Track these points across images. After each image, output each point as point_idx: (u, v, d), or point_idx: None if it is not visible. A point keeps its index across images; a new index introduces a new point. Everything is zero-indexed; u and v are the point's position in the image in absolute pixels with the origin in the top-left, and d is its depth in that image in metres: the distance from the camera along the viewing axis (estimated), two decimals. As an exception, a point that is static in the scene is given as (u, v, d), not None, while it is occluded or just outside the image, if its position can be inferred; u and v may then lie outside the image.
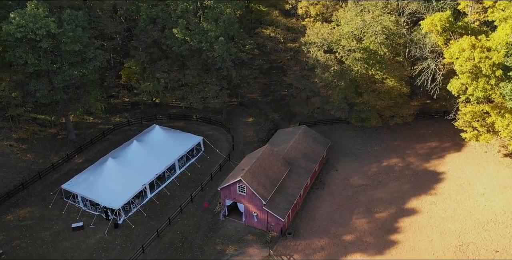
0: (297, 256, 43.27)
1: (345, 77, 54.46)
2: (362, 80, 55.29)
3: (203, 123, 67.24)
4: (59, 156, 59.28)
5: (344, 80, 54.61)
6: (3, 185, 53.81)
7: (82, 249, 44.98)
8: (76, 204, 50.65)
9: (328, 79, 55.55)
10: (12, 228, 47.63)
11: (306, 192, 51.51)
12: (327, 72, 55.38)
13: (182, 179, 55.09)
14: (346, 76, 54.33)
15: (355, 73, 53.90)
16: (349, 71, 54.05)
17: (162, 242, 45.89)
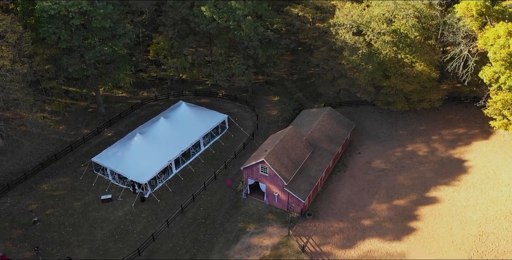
0: (315, 238, 43.92)
1: (373, 60, 53.05)
2: (390, 63, 53.76)
3: (228, 100, 67.36)
4: (89, 129, 60.88)
5: (372, 63, 53.24)
6: (37, 155, 55.92)
7: (110, 220, 46.85)
8: (105, 176, 52.35)
9: (355, 61, 54.27)
10: (46, 197, 49.80)
11: (327, 174, 51.59)
12: (355, 54, 54.04)
13: (206, 156, 55.94)
14: (374, 59, 52.90)
15: (384, 56, 52.39)
16: (378, 54, 52.56)
17: (186, 217, 47.28)
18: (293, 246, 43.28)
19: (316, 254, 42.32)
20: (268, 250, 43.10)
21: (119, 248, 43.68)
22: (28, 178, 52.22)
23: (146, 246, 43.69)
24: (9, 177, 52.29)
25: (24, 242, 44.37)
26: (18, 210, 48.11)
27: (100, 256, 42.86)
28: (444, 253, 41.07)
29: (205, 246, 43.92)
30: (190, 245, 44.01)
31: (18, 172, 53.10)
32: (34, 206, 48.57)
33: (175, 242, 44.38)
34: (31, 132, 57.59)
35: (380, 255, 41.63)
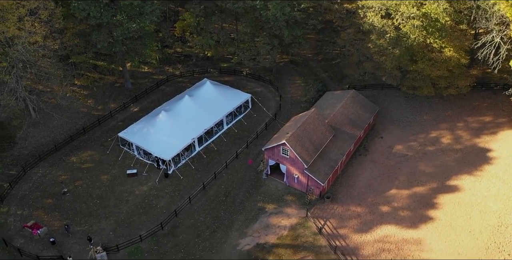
0: (333, 220, 44.29)
1: (400, 44, 51.38)
2: (418, 48, 52.00)
3: (252, 79, 66.93)
4: (116, 104, 61.79)
5: (400, 47, 51.60)
6: (67, 128, 57.35)
7: (135, 194, 48.24)
8: (131, 151, 53.50)
9: (382, 45, 52.70)
10: (75, 169, 51.43)
11: (348, 157, 51.36)
12: (382, 38, 52.40)
13: (228, 135, 56.32)
14: (402, 43, 51.21)
15: (412, 41, 50.62)
16: (406, 39, 50.82)
17: (207, 194, 48.23)
18: (310, 227, 43.84)
19: (332, 236, 42.82)
20: (286, 230, 43.81)
21: (143, 221, 45.16)
22: (58, 150, 53.84)
23: (169, 221, 45.02)
24: (40, 148, 54.03)
25: (55, 211, 46.29)
26: (49, 180, 49.95)
27: (125, 228, 44.46)
28: (461, 242, 40.93)
29: (225, 223, 44.94)
30: (210, 222, 45.11)
31: (49, 144, 54.75)
32: (63, 177, 50.30)
33: (197, 218, 45.54)
34: (61, 106, 58.92)
35: (396, 240, 41.81)
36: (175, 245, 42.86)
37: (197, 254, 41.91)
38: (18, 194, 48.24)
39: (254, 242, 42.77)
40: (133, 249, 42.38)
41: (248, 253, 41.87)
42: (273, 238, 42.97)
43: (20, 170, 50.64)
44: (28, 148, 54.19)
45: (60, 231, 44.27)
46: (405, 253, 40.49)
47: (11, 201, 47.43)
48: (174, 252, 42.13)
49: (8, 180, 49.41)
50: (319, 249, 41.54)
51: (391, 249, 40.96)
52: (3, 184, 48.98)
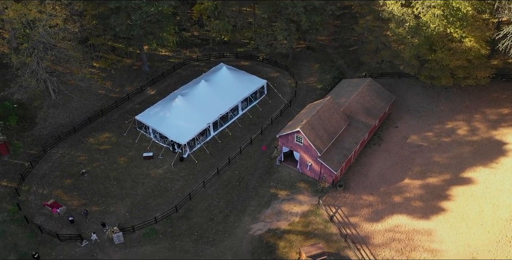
0: (344, 209, 44.38)
1: (420, 33, 50.05)
2: (438, 37, 50.59)
3: (268, 65, 66.31)
4: (133, 87, 62.04)
5: (419, 36, 50.27)
6: (85, 110, 57.95)
7: (151, 177, 48.90)
8: (147, 135, 53.97)
9: (401, 34, 51.41)
10: (93, 151, 52.20)
11: (362, 146, 51.00)
12: (402, 27, 51.06)
13: (243, 121, 56.28)
14: (422, 32, 49.87)
15: (432, 30, 49.22)
16: (426, 28, 49.42)
17: (221, 179, 48.63)
18: (322, 215, 44.05)
19: (343, 224, 43.00)
20: (298, 217, 44.12)
21: (158, 204, 45.92)
22: (77, 131, 54.59)
23: (183, 204, 45.68)
24: (60, 129, 54.85)
25: (73, 191, 47.31)
26: (68, 161, 50.87)
27: (141, 210, 45.30)
28: (472, 234, 40.71)
29: (237, 208, 45.43)
30: (224, 206, 45.64)
31: (68, 125, 55.51)
32: (82, 158, 51.16)
33: (210, 202, 46.10)
34: (80, 87, 59.38)
35: (406, 230, 41.79)
36: (189, 227, 43.60)
37: (210, 237, 42.61)
38: (39, 173, 49.33)
39: (266, 227, 43.23)
40: (148, 231, 43.28)
41: (259, 238, 42.41)
42: (284, 224, 43.36)
43: (41, 150, 51.63)
44: (48, 128, 55.05)
45: (79, 210, 45.34)
46: (415, 244, 40.51)
47: (32, 180, 48.56)
48: (188, 235, 42.90)
49: (29, 159, 50.49)
50: (329, 237, 41.84)
51: (401, 239, 41.00)
52: (24, 163, 50.08)
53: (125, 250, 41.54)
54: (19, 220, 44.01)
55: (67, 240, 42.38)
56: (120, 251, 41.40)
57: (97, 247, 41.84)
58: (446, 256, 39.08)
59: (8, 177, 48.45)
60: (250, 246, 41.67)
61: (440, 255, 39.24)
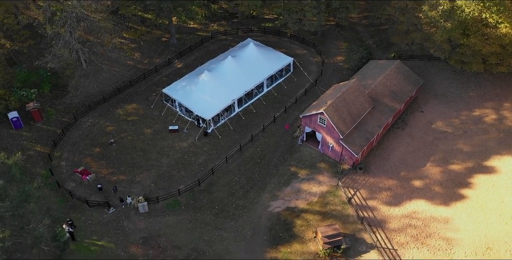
0: (363, 191, 44.18)
1: (453, 17, 47.34)
2: (472, 22, 47.79)
3: (295, 41, 64.59)
4: (161, 59, 61.74)
5: (452, 21, 47.59)
6: (115, 80, 58.26)
7: (176, 149, 49.49)
8: (174, 108, 54.16)
9: (434, 17, 48.76)
10: (121, 121, 52.89)
11: (385, 130, 49.98)
12: (435, 10, 48.35)
13: (268, 98, 55.67)
14: (455, 17, 47.15)
15: (466, 14, 46.44)
16: (460, 12, 46.66)
17: (243, 155, 48.81)
18: (340, 196, 44.02)
19: (361, 207, 42.93)
20: (316, 197, 44.23)
21: (182, 176, 46.69)
22: (106, 101, 55.18)
23: (206, 178, 46.31)
24: (90, 98, 55.58)
25: (102, 160, 48.46)
26: (97, 130, 51.83)
27: (165, 181, 46.21)
28: (489, 225, 40.09)
29: (258, 184, 45.79)
30: (244, 182, 46.06)
31: (97, 94, 56.13)
32: (110, 128, 51.99)
33: (232, 177, 46.56)
34: (110, 58, 59.48)
35: (423, 217, 41.47)
36: (210, 201, 44.39)
37: (230, 211, 43.36)
38: (70, 140, 50.56)
39: (285, 205, 43.61)
40: (171, 202, 44.31)
41: (277, 215, 42.91)
42: (302, 203, 43.62)
43: (72, 118, 52.65)
44: (79, 97, 55.86)
45: (107, 178, 46.60)
46: (431, 230, 40.27)
47: (64, 146, 49.88)
48: (209, 208, 43.75)
49: (61, 126, 51.65)
50: (346, 218, 41.96)
51: (418, 226, 40.79)
52: (56, 130, 51.31)
53: (149, 219, 42.82)
54: (51, 184, 45.66)
55: (95, 206, 43.90)
56: (144, 220, 42.70)
57: (123, 215, 43.26)
58: (461, 244, 38.80)
59: (41, 143, 49.89)
60: (268, 223, 42.29)
61: (455, 243, 38.97)
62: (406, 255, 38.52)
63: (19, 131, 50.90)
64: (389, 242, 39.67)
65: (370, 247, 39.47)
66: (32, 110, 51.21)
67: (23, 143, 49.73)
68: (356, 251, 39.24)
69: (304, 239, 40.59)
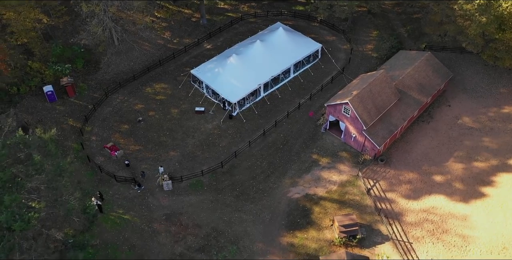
0: (382, 183, 43.81)
1: (489, 12, 44.92)
2: (509, 17, 45.27)
3: (325, 27, 62.95)
4: (190, 39, 61.36)
5: (488, 15, 45.19)
6: (145, 59, 58.45)
7: (201, 131, 49.85)
8: (201, 89, 54.19)
9: (469, 10, 46.38)
10: (150, 100, 53.37)
11: (410, 123, 48.90)
12: (471, 3, 45.94)
13: (294, 84, 54.99)
14: (492, 11, 44.73)
15: (503, 9, 43.97)
16: (497, 7, 44.18)
17: (266, 140, 48.82)
18: (359, 186, 43.82)
19: (379, 198, 42.71)
20: (335, 185, 44.16)
21: (206, 158, 47.21)
22: (136, 79, 55.59)
23: (229, 160, 46.70)
24: (120, 76, 56.09)
25: (130, 137, 49.33)
26: (126, 107, 52.53)
27: (189, 161, 46.85)
28: (508, 225, 39.37)
29: (279, 170, 45.95)
30: (266, 167, 46.28)
31: (128, 72, 56.54)
32: (139, 106, 52.60)
33: (254, 161, 46.81)
34: (141, 37, 59.47)
35: (442, 213, 40.99)
36: (232, 183, 44.92)
37: (250, 195, 43.86)
38: (100, 116, 51.51)
39: (304, 192, 43.77)
40: (194, 182, 45.07)
41: (296, 201, 43.18)
42: (322, 191, 43.67)
43: (103, 94, 53.43)
44: (110, 74, 56.43)
45: (134, 155, 47.55)
46: (448, 227, 39.86)
47: (95, 122, 50.91)
48: (230, 190, 44.33)
49: (92, 102, 52.57)
50: (364, 209, 41.88)
51: (435, 221, 40.40)
52: (88, 105, 52.28)
53: (172, 197, 43.79)
54: (82, 158, 46.98)
55: (122, 181, 45.09)
56: (168, 198, 43.71)
57: (148, 191, 44.34)
58: (477, 242, 38.36)
59: (73, 117, 51.05)
60: (287, 208, 42.66)
61: (471, 241, 38.55)
62: (421, 249, 38.43)
63: (53, 104, 52.12)
64: (405, 235, 39.58)
65: (386, 238, 39.49)
66: (66, 85, 52.16)
67: (56, 116, 50.99)
68: (371, 242, 39.35)
69: (321, 226, 40.88)
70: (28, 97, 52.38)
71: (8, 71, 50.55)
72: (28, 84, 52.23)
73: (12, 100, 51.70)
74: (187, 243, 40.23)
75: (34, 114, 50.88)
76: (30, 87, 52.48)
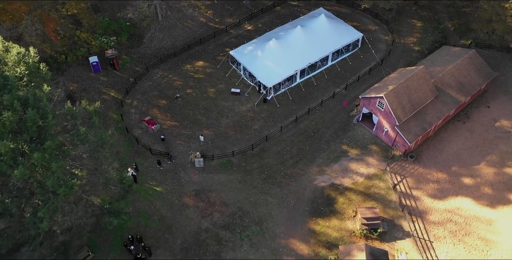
0: (410, 180, 42.96)
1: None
2: None
3: (368, 16, 60.46)
4: (232, 19, 60.38)
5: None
6: (186, 36, 58.13)
7: (235, 112, 49.84)
8: (238, 71, 53.76)
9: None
10: (188, 77, 53.47)
11: (445, 121, 47.18)
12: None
13: (330, 72, 53.69)
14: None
15: None
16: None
17: (298, 127, 48.40)
18: (386, 181, 43.16)
19: (405, 195, 42.02)
20: (362, 177, 43.66)
21: (238, 139, 47.41)
22: (177, 55, 55.60)
23: (259, 143, 46.75)
24: (162, 51, 56.20)
25: (167, 112, 49.94)
26: (165, 83, 52.92)
27: (222, 141, 47.21)
28: (534, 234, 38.15)
29: (307, 157, 45.72)
30: (295, 153, 46.11)
31: (169, 48, 56.53)
32: (178, 83, 52.86)
33: (284, 146, 46.67)
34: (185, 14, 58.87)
35: (466, 215, 40.03)
36: (260, 166, 45.14)
37: (277, 179, 44.04)
38: (140, 89, 52.19)
39: (330, 181, 43.55)
40: (225, 161, 45.54)
41: (322, 189, 43.08)
42: (348, 182, 43.32)
43: (144, 68, 53.90)
44: (152, 49, 56.63)
45: (169, 130, 48.28)
46: (471, 229, 38.99)
47: (135, 95, 51.69)
48: (258, 173, 44.61)
49: (134, 75, 53.19)
50: (388, 203, 41.40)
51: (459, 222, 39.55)
52: (129, 78, 52.98)
53: (203, 174, 44.54)
54: (121, 129, 48.11)
55: (157, 155, 46.08)
56: (198, 174, 44.49)
57: (180, 167, 45.21)
58: (499, 248, 37.46)
59: (116, 89, 51.96)
60: (311, 195, 42.69)
61: (493, 246, 37.67)
62: (441, 249, 37.93)
63: (97, 75, 53.11)
64: (426, 234, 39.06)
65: (407, 235, 39.12)
66: (111, 57, 52.84)
67: (99, 87, 52.05)
68: (391, 237, 39.10)
69: (344, 216, 40.83)
70: (75, 66, 53.51)
71: (58, 40, 51.58)
72: (75, 53, 53.23)
73: (60, 68, 52.97)
74: (213, 219, 41.18)
75: (79, 83, 52.09)
76: (77, 56, 53.47)
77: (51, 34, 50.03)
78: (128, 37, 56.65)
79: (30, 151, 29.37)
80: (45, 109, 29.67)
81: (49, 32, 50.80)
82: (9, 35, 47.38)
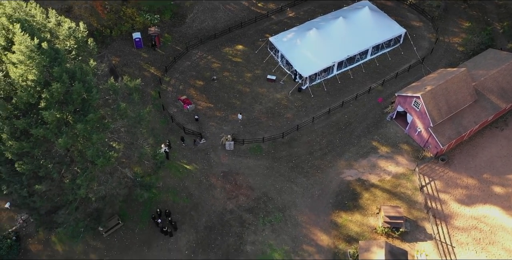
0: (438, 183, 41.48)
1: None
2: None
3: (414, 11, 57.56)
4: (275, 4, 58.64)
5: None
6: (227, 19, 57.07)
7: (269, 98, 49.06)
8: (276, 57, 52.62)
9: None
10: (226, 60, 52.78)
11: (481, 126, 44.96)
12: None
13: (368, 67, 51.81)
14: None
15: None
16: None
17: (330, 119, 47.28)
18: (413, 181, 41.88)
19: (431, 197, 40.71)
20: (390, 176, 42.50)
21: (269, 126, 46.82)
22: (217, 37, 54.79)
23: (290, 132, 46.04)
24: (202, 32, 55.49)
25: (203, 93, 49.65)
26: (204, 64, 52.45)
27: (253, 126, 46.73)
28: (561, 250, 36.37)
29: (337, 150, 44.77)
30: (324, 145, 45.22)
31: (210, 30, 55.73)
32: (215, 65, 52.30)
33: (314, 137, 45.81)
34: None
35: (493, 224, 38.49)
36: (289, 154, 44.58)
37: (304, 169, 43.45)
38: (179, 69, 51.97)
39: (357, 176, 42.62)
40: (254, 146, 45.20)
41: (348, 183, 42.28)
42: (375, 179, 42.29)
43: (184, 48, 53.49)
44: (194, 29, 55.99)
45: (204, 111, 48.09)
46: (496, 239, 37.53)
47: (173, 73, 51.56)
48: (286, 161, 44.10)
49: (173, 54, 52.91)
50: (413, 204, 40.26)
51: (484, 230, 38.12)
52: (169, 57, 52.76)
53: (232, 157, 44.42)
54: (157, 105, 48.31)
55: (189, 134, 46.16)
56: (228, 157, 44.39)
57: (211, 148, 45.20)
58: (523, 260, 36.04)
59: (155, 66, 51.95)
60: (337, 188, 41.99)
61: (517, 258, 36.28)
62: (462, 255, 36.80)
63: (139, 51, 53.13)
64: (449, 238, 37.90)
65: (429, 237, 38.08)
66: (153, 34, 52.61)
67: (140, 63, 52.13)
68: (413, 237, 38.16)
69: (367, 212, 40.07)
70: (118, 41, 53.63)
71: (105, 14, 51.72)
72: (120, 28, 53.26)
73: (105, 41, 53.22)
74: (239, 202, 41.24)
75: (121, 57, 52.31)
76: (121, 31, 53.51)
77: (99, 8, 50.13)
78: (171, 16, 56.13)
79: (73, 122, 29.79)
80: (90, 83, 29.85)
81: (97, 6, 50.89)
82: (60, 7, 47.74)
